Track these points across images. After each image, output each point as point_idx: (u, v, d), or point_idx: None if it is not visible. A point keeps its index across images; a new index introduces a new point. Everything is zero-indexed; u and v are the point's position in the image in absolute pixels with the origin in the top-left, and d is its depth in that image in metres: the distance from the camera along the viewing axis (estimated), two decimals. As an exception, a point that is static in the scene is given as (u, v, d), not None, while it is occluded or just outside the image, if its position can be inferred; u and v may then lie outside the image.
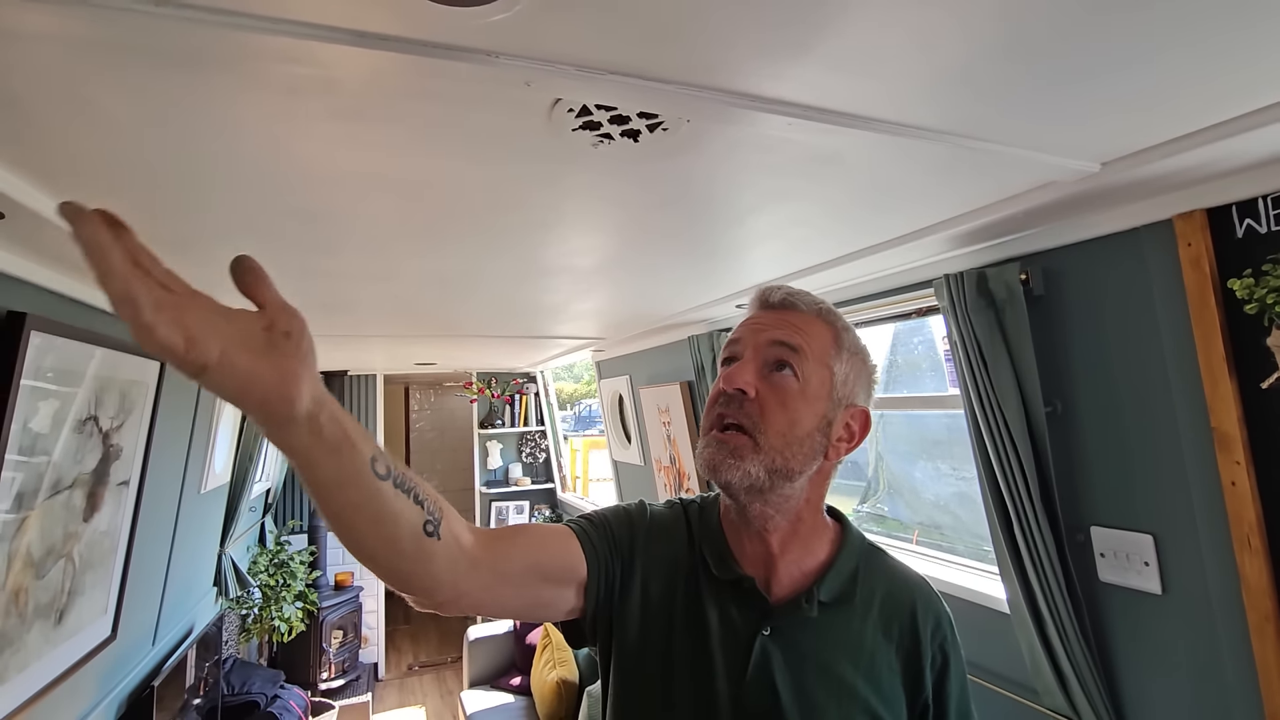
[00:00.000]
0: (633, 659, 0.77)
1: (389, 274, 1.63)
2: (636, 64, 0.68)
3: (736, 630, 0.76)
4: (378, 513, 0.56)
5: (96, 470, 1.71)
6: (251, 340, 0.47)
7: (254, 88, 0.70)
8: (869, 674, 0.74)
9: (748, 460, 0.73)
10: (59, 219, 0.41)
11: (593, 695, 3.08)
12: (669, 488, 3.24)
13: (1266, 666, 1.05)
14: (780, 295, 0.81)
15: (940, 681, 0.77)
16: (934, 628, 0.79)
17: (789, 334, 0.77)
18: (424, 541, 0.60)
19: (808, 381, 0.76)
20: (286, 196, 1.05)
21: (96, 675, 1.95)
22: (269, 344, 0.47)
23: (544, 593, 0.75)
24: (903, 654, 0.77)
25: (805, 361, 0.76)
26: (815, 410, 0.76)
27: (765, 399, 0.75)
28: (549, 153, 0.91)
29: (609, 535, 0.81)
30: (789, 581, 0.79)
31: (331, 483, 0.54)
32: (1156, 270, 1.17)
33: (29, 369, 1.35)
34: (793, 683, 0.73)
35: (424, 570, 0.62)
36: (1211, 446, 1.10)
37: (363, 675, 4.48)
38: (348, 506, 0.55)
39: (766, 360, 0.77)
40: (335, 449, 0.52)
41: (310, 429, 0.50)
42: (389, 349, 3.48)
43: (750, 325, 0.81)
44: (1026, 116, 0.82)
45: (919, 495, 2.18)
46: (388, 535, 0.58)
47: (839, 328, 0.81)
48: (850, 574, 0.80)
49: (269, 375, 0.46)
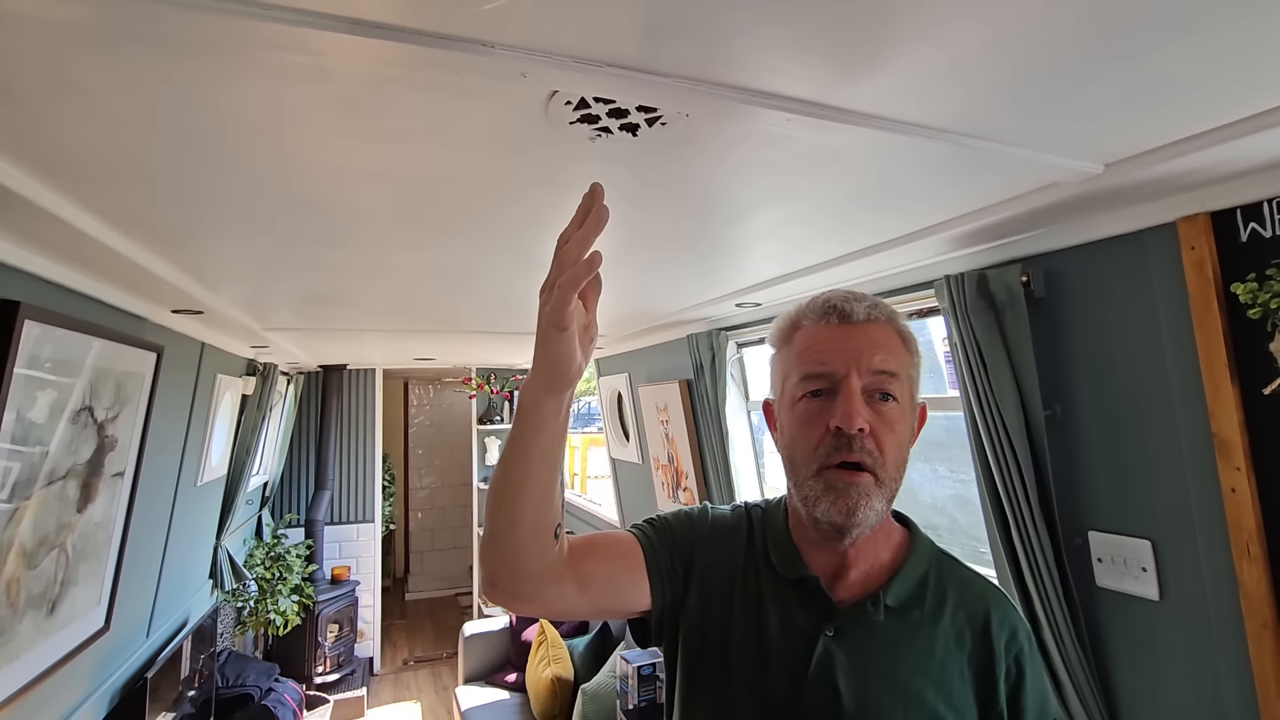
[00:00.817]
0: (693, 659, 0.79)
1: (387, 268, 1.62)
2: (634, 56, 0.67)
3: (799, 630, 0.76)
4: (547, 493, 0.69)
5: (91, 461, 1.71)
6: (582, 332, 0.64)
7: (247, 76, 0.70)
8: (939, 682, 0.73)
9: (875, 499, 0.72)
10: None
11: (587, 693, 3.07)
12: (666, 486, 3.24)
13: (1263, 674, 1.05)
14: (864, 309, 0.77)
15: (1015, 694, 0.75)
16: (1009, 638, 0.76)
17: (885, 359, 0.74)
18: (550, 539, 0.71)
19: (904, 401, 0.75)
20: (283, 188, 1.04)
21: (90, 666, 1.95)
22: (584, 338, 0.65)
23: (614, 602, 0.81)
24: (975, 664, 0.75)
25: (900, 383, 0.75)
26: (909, 426, 0.77)
27: (879, 433, 0.73)
28: (547, 146, 0.90)
29: (670, 539, 0.84)
30: (855, 585, 0.78)
31: (542, 451, 0.67)
32: (1159, 274, 1.16)
33: (27, 359, 1.34)
34: (856, 685, 0.72)
35: (537, 563, 0.70)
36: (1212, 452, 1.09)
37: (358, 669, 4.48)
38: (536, 477, 0.68)
39: (868, 389, 0.74)
40: (561, 429, 0.68)
41: (565, 404, 0.67)
42: (388, 343, 3.47)
43: (838, 347, 0.75)
44: (1030, 115, 0.81)
45: (916, 497, 2.17)
46: (538, 516, 0.69)
47: (907, 333, 0.79)
48: (919, 580, 0.79)
49: (578, 356, 0.64)
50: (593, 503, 4.92)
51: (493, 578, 0.72)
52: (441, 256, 1.52)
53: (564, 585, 0.74)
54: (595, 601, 0.78)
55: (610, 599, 0.80)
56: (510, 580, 0.71)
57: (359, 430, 5.08)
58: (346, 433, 5.04)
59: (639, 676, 2.65)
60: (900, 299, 1.75)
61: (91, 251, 1.30)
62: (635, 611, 0.82)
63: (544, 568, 0.71)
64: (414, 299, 2.09)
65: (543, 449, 0.67)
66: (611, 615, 0.83)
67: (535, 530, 0.69)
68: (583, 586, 0.76)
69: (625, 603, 0.80)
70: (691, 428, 2.87)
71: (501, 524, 0.69)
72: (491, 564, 0.71)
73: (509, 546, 0.69)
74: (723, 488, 2.59)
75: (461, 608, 6.28)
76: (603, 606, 0.80)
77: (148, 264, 1.40)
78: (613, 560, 0.80)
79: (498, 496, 0.69)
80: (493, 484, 0.70)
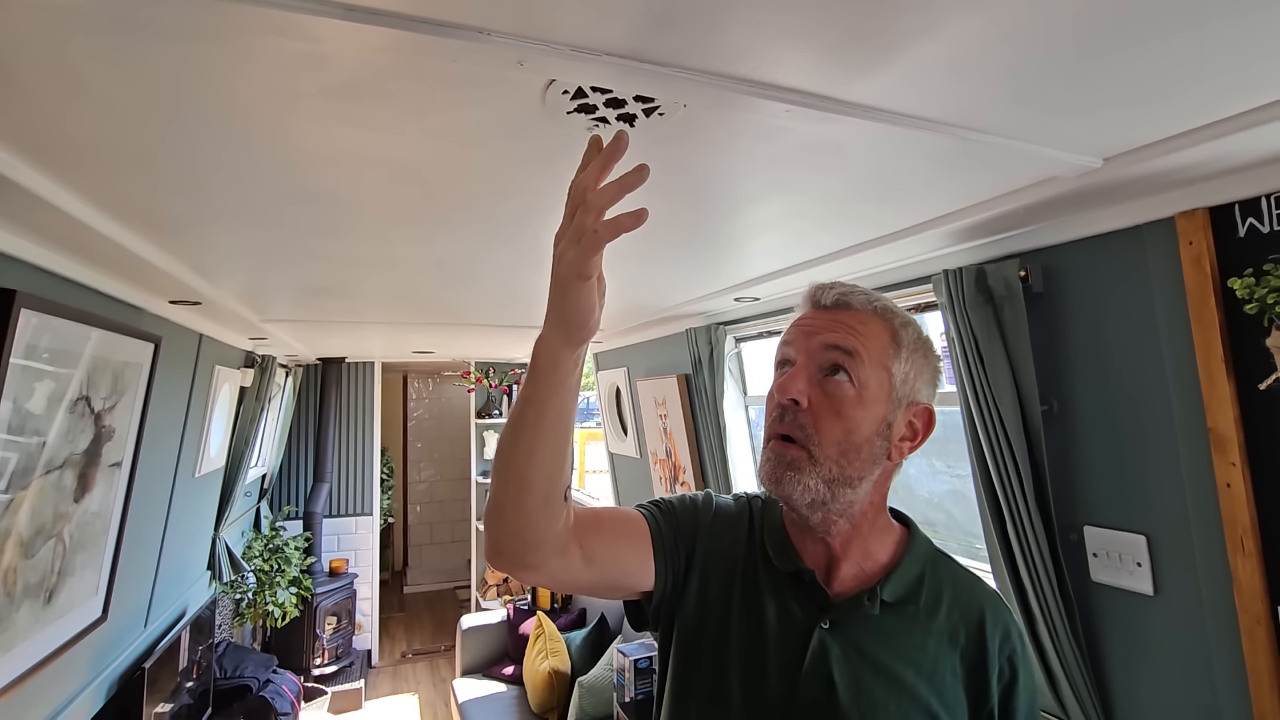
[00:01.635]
0: (689, 646, 0.79)
1: (386, 259, 1.62)
2: (631, 45, 0.66)
3: (795, 622, 0.76)
4: (559, 457, 0.66)
5: (88, 451, 1.71)
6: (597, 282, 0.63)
7: (244, 63, 0.69)
8: (931, 677, 0.73)
9: (805, 474, 0.73)
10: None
11: (584, 686, 3.08)
12: (664, 481, 3.24)
13: (1257, 669, 1.05)
14: (833, 295, 0.78)
15: (1007, 695, 0.75)
16: (1003, 639, 0.76)
17: (843, 336, 0.74)
18: (560, 505, 0.69)
19: (864, 386, 0.73)
20: (281, 177, 1.04)
21: (87, 656, 1.95)
22: (599, 289, 0.63)
23: (618, 579, 0.79)
24: (967, 662, 0.75)
25: (861, 365, 0.74)
26: (873, 414, 0.74)
27: (819, 408, 0.73)
28: (544, 136, 0.90)
29: (675, 523, 0.83)
30: (850, 580, 0.78)
31: (558, 412, 0.65)
32: (1156, 269, 1.16)
33: (25, 349, 1.34)
34: (850, 677, 0.72)
35: (544, 532, 0.69)
36: (1207, 447, 1.09)
37: (356, 662, 4.49)
38: (550, 439, 0.65)
39: (820, 365, 0.74)
40: (574, 388, 0.66)
41: (580, 360, 0.66)
42: (387, 336, 3.47)
43: (802, 327, 0.78)
44: (1029, 108, 0.81)
45: (913, 492, 2.18)
46: (549, 483, 0.66)
47: (897, 324, 0.78)
48: (915, 578, 0.79)
49: (598, 305, 0.63)
50: (591, 497, 4.93)
51: (498, 545, 0.70)
52: (440, 248, 1.52)
53: (569, 558, 0.72)
54: (600, 577, 0.77)
55: (616, 576, 0.79)
56: (517, 548, 0.69)
57: (358, 423, 5.08)
58: (345, 426, 5.04)
59: (635, 670, 2.65)
60: (899, 294, 1.75)
61: (88, 240, 1.30)
62: (637, 591, 0.81)
63: (551, 537, 0.69)
64: (413, 291, 2.09)
65: (558, 410, 0.65)
66: (613, 592, 0.81)
67: (546, 497, 0.67)
68: (588, 560, 0.74)
69: (629, 581, 0.79)
70: (689, 422, 2.87)
71: (510, 490, 0.67)
72: (497, 531, 0.69)
73: (517, 514, 0.67)
74: (720, 482, 2.60)
75: (459, 601, 6.30)
76: (606, 582, 0.79)
77: (145, 254, 1.40)
78: (620, 538, 0.79)
79: (506, 460, 0.66)
80: (501, 446, 0.68)
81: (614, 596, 0.82)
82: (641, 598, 0.83)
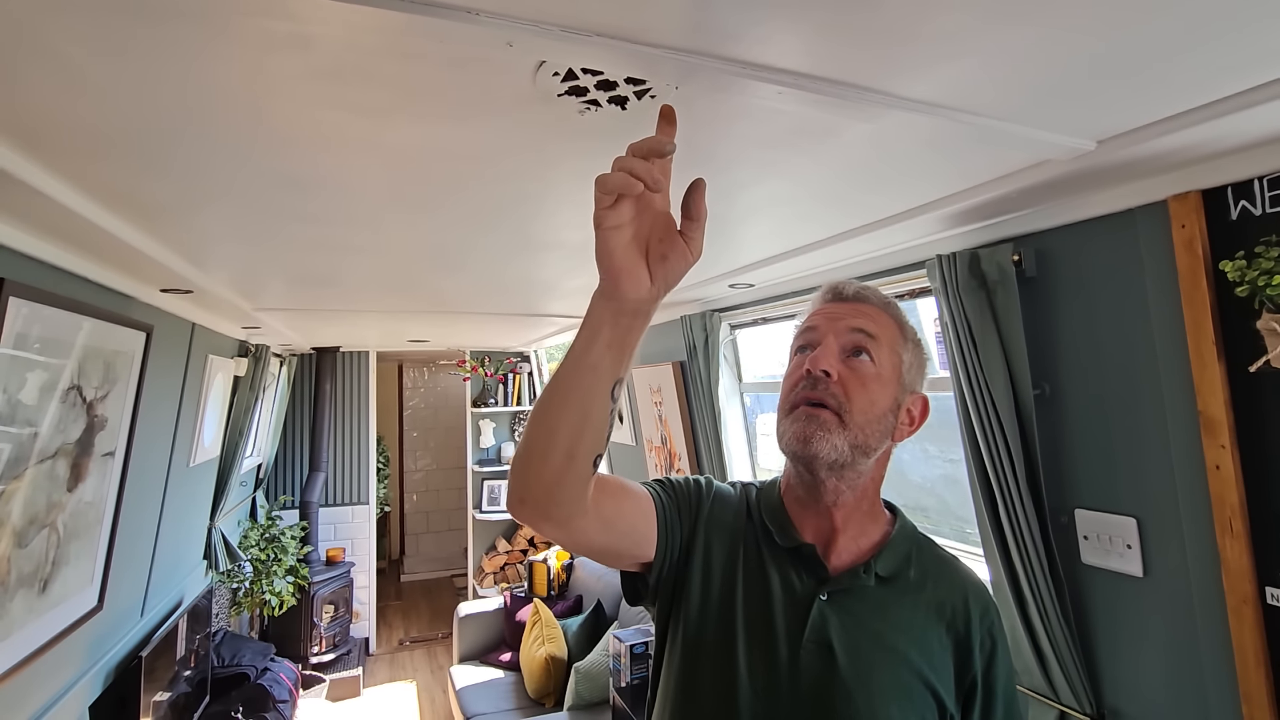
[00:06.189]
0: (695, 620, 0.83)
1: (378, 245, 1.61)
2: (622, 25, 0.66)
3: (796, 594, 0.81)
4: (587, 412, 0.67)
5: (80, 440, 1.70)
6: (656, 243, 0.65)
7: (225, 42, 0.68)
8: (921, 645, 0.79)
9: (835, 435, 0.79)
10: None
11: (580, 671, 3.11)
12: (659, 468, 3.25)
13: (1243, 648, 1.06)
14: (854, 289, 0.88)
15: (989, 665, 0.81)
16: (983, 613, 0.83)
17: (866, 322, 0.83)
18: (588, 467, 0.70)
19: (882, 366, 0.82)
20: (268, 162, 1.03)
21: (83, 645, 1.95)
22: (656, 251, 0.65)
23: (628, 548, 0.83)
24: (953, 633, 0.81)
25: (880, 347, 0.83)
26: (889, 393, 0.82)
27: (847, 380, 0.81)
28: (534, 120, 0.89)
29: (678, 499, 0.88)
30: (847, 555, 0.84)
31: (592, 364, 0.66)
32: (1149, 252, 1.16)
33: (16, 339, 1.33)
34: (848, 645, 0.77)
35: (573, 488, 0.70)
36: (1197, 429, 1.10)
37: (354, 649, 4.51)
38: (581, 390, 0.66)
39: (845, 346, 0.82)
40: (612, 345, 0.65)
41: (616, 317, 0.65)
42: (381, 325, 3.45)
43: (826, 314, 0.86)
44: (1023, 90, 0.81)
45: (906, 478, 2.19)
46: (576, 435, 0.67)
47: (902, 320, 0.88)
48: (904, 555, 0.85)
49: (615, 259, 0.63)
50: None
51: (521, 492, 0.71)
52: (432, 234, 1.51)
53: (588, 520, 0.74)
54: (611, 543, 0.81)
55: (628, 545, 0.83)
56: (542, 499, 0.70)
57: (353, 412, 5.07)
58: (341, 415, 5.02)
59: (631, 655, 2.67)
60: (893, 279, 1.75)
61: (75, 227, 1.29)
62: (637, 562, 0.85)
63: (577, 497, 0.71)
64: (405, 278, 2.08)
65: (593, 362, 0.66)
66: (619, 559, 0.85)
67: (571, 452, 0.67)
68: (605, 526, 0.78)
69: (636, 551, 0.83)
70: (685, 409, 2.87)
71: (539, 437, 0.68)
72: (522, 477, 0.70)
73: (543, 464, 0.68)
74: (716, 469, 2.60)
75: (456, 589, 6.32)
76: (615, 549, 0.83)
77: (133, 240, 1.38)
78: (635, 508, 0.83)
79: (540, 406, 0.69)
80: (540, 396, 0.70)
81: (618, 564, 0.86)
82: (641, 568, 0.86)
